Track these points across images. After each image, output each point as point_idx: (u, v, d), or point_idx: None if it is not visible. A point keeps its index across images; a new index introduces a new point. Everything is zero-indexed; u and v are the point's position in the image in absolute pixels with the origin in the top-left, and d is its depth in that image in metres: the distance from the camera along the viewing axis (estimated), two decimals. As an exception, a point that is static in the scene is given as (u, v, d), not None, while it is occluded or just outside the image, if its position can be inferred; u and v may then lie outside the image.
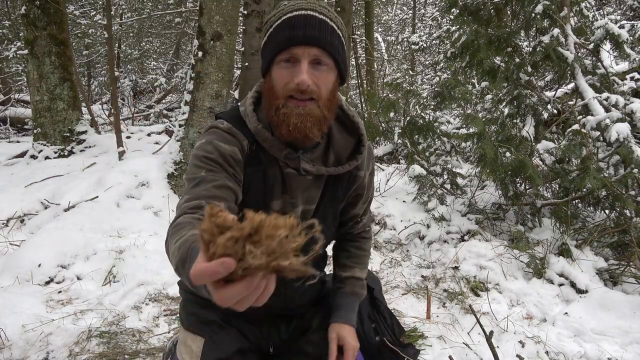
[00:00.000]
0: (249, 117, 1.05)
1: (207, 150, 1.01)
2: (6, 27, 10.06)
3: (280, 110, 0.95)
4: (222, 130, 1.05)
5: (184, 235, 0.79)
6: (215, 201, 0.93)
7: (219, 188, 0.97)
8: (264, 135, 1.03)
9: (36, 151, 5.05)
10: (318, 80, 0.95)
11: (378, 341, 1.36)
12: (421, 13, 14.34)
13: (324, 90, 0.96)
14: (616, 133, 2.81)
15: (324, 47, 0.94)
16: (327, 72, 0.97)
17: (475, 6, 3.92)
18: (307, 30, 0.92)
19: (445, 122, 4.82)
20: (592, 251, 2.82)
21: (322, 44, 0.93)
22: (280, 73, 0.95)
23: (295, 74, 0.93)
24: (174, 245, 0.80)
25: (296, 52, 0.93)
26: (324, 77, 0.96)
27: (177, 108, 9.79)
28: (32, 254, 2.69)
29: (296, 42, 0.92)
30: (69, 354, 1.97)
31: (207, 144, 1.02)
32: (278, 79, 0.96)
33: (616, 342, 2.12)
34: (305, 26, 0.93)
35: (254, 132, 1.04)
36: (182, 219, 0.87)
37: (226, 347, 1.15)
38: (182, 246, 0.75)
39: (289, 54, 0.93)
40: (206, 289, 0.58)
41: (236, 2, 4.10)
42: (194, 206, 0.92)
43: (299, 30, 0.92)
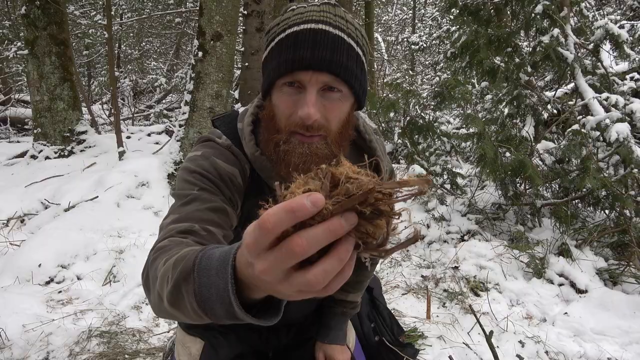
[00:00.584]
0: (246, 140, 0.90)
1: (203, 166, 0.86)
2: (6, 27, 10.06)
3: (281, 147, 0.80)
4: (221, 146, 0.90)
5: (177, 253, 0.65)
6: (211, 226, 0.78)
7: (215, 211, 0.81)
8: (261, 163, 0.88)
9: (36, 151, 5.05)
10: (328, 112, 0.79)
11: (377, 341, 1.35)
12: (421, 13, 14.34)
13: (334, 124, 0.80)
14: (616, 133, 2.81)
15: (336, 73, 0.77)
16: (341, 102, 0.80)
17: (475, 6, 3.92)
18: (317, 52, 0.75)
19: (445, 122, 4.83)
20: (592, 251, 2.82)
21: (334, 69, 0.76)
22: (282, 100, 0.80)
23: (299, 104, 0.77)
24: (164, 266, 0.64)
25: (301, 78, 0.77)
26: (336, 107, 0.80)
27: (177, 108, 9.79)
28: (32, 254, 2.70)
29: (301, 67, 0.75)
30: (69, 353, 1.98)
31: (202, 158, 0.87)
32: (280, 108, 0.80)
33: (616, 342, 2.12)
34: (314, 45, 0.75)
35: (251, 158, 0.89)
36: (169, 242, 0.72)
37: (225, 353, 1.13)
38: (181, 261, 0.61)
39: (292, 78, 0.77)
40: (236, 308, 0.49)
41: (236, 2, 4.10)
42: (185, 230, 0.75)
43: (305, 50, 0.75)
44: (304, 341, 1.22)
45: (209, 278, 0.54)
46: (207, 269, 0.55)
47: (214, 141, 0.91)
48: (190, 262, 0.58)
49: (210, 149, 0.89)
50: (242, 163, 0.90)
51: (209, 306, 0.54)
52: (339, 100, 0.80)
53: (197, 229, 0.76)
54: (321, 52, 0.75)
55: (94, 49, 10.98)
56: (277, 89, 0.80)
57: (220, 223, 0.81)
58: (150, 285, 0.70)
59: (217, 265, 0.53)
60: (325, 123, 0.79)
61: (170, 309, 0.63)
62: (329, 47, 0.76)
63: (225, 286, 0.51)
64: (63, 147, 5.12)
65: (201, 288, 0.54)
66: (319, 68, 0.75)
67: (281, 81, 0.79)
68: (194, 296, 0.55)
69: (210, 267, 0.54)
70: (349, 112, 0.84)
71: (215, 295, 0.53)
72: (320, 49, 0.75)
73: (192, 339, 1.17)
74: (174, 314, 0.64)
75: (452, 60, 4.08)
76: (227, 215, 0.84)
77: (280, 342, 1.22)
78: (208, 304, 0.54)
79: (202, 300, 0.55)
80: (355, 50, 0.79)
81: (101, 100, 10.57)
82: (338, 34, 0.77)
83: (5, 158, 5.46)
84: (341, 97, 0.80)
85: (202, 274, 0.55)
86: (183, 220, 0.78)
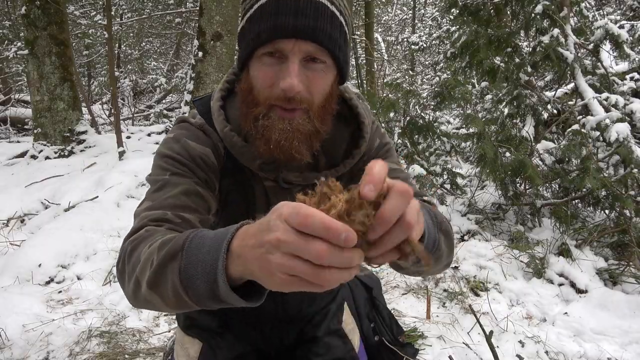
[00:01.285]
0: (215, 116, 0.86)
1: (174, 149, 0.83)
2: (6, 27, 10.07)
3: (260, 122, 0.76)
4: (194, 125, 0.87)
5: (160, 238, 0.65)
6: (185, 213, 0.77)
7: (188, 195, 0.79)
8: (231, 140, 0.83)
9: (36, 151, 5.05)
10: (311, 84, 0.75)
11: (377, 341, 1.35)
12: (421, 13, 14.35)
13: (317, 97, 0.76)
14: (616, 133, 2.81)
15: (320, 42, 0.72)
16: (324, 73, 0.76)
17: (475, 6, 3.92)
18: (299, 19, 0.70)
19: (445, 122, 4.82)
20: (592, 251, 2.82)
21: (318, 38, 0.72)
22: (262, 71, 0.75)
23: (281, 74, 0.73)
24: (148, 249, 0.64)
25: (283, 47, 0.72)
26: (319, 79, 0.76)
27: (177, 108, 9.79)
28: (32, 254, 2.70)
29: (283, 35, 0.71)
30: (69, 353, 1.98)
31: (174, 141, 0.84)
32: (259, 79, 0.75)
33: (616, 342, 2.12)
34: (296, 13, 0.70)
35: (221, 134, 0.84)
36: (145, 232, 0.71)
37: (224, 354, 1.11)
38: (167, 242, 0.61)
39: (273, 47, 0.73)
40: None
41: (236, 2, 4.11)
42: (157, 218, 0.74)
43: (287, 17, 0.70)
44: (308, 341, 1.19)
45: (197, 256, 0.56)
46: (198, 247, 0.57)
47: (188, 122, 0.88)
48: (180, 242, 0.59)
49: (183, 130, 0.86)
50: (215, 141, 0.86)
51: (192, 283, 0.56)
52: (322, 71, 0.76)
53: (170, 216, 0.75)
54: (304, 19, 0.71)
55: (94, 49, 10.98)
56: (256, 59, 0.75)
57: (195, 207, 0.79)
58: (126, 275, 0.69)
59: (210, 243, 0.56)
60: (308, 96, 0.75)
61: (148, 293, 0.63)
62: (311, 14, 0.71)
63: (214, 262, 0.53)
64: (63, 147, 5.12)
65: (188, 265, 0.56)
66: (302, 36, 0.71)
67: (261, 51, 0.74)
68: (179, 273, 0.57)
69: (202, 245, 0.56)
70: (332, 85, 0.80)
71: (201, 272, 0.55)
72: (304, 17, 0.71)
73: (191, 340, 1.15)
74: (150, 300, 0.64)
75: (452, 60, 4.08)
76: (201, 198, 0.81)
77: (283, 342, 1.20)
78: (192, 280, 0.56)
79: (187, 277, 0.56)
80: (338, 19, 0.75)
81: (101, 100, 10.57)
82: (321, 0, 0.73)
83: (5, 158, 5.46)
84: (324, 68, 0.76)
85: (191, 252, 0.57)
86: (156, 207, 0.76)
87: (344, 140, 0.91)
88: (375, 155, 0.93)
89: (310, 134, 0.77)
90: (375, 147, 0.95)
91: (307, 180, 0.88)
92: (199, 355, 1.11)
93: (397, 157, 1.03)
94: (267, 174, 0.86)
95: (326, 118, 0.80)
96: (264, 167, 0.84)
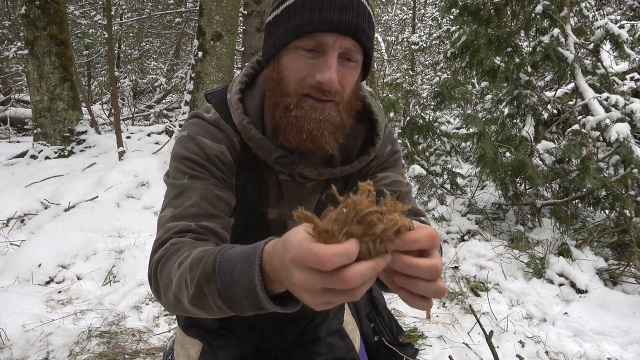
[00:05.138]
0: (233, 109, 0.85)
1: (190, 149, 0.83)
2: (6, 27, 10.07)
3: (292, 112, 0.76)
4: (208, 122, 0.86)
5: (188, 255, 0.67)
6: (207, 221, 0.78)
7: (208, 201, 0.80)
8: (249, 132, 0.83)
9: (36, 151, 5.05)
10: (344, 79, 0.76)
11: (376, 341, 1.35)
12: (421, 13, 14.35)
13: (347, 92, 0.78)
14: (616, 133, 2.81)
15: (359, 39, 0.73)
16: (354, 70, 0.77)
17: (475, 6, 3.92)
18: (344, 15, 0.71)
19: (445, 122, 4.82)
20: (592, 251, 2.82)
21: (358, 36, 0.73)
22: (297, 62, 0.75)
23: (319, 67, 0.73)
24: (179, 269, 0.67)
25: (325, 41, 0.72)
26: (350, 76, 0.77)
27: (177, 108, 9.79)
28: (32, 254, 2.70)
29: (327, 29, 0.71)
30: (69, 353, 1.98)
31: (189, 139, 0.84)
32: (293, 70, 0.75)
33: (616, 342, 2.12)
34: (341, 9, 0.71)
35: (239, 127, 0.84)
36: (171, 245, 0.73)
37: (225, 355, 1.11)
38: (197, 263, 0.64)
39: (314, 40, 0.72)
40: None
41: (236, 2, 4.10)
42: (182, 229, 0.76)
43: (332, 12, 0.70)
44: (309, 341, 1.19)
45: (231, 277, 0.60)
46: (229, 270, 0.60)
47: (201, 117, 0.88)
48: (209, 265, 0.61)
49: (197, 127, 0.86)
50: (231, 137, 0.86)
51: (234, 302, 0.60)
52: (353, 68, 0.77)
53: (194, 227, 0.77)
54: (348, 16, 0.71)
55: (94, 49, 10.98)
56: (291, 50, 0.75)
57: (216, 213, 0.80)
58: (161, 290, 0.72)
59: (241, 265, 0.59)
60: (341, 90, 0.76)
61: (193, 309, 0.67)
62: (354, 11, 0.72)
63: (252, 283, 0.57)
64: (63, 147, 5.12)
65: (225, 287, 0.60)
66: (345, 32, 0.72)
67: (298, 43, 0.74)
68: (218, 294, 0.61)
69: (233, 267, 0.60)
70: (358, 82, 0.82)
71: (240, 292, 0.59)
72: (347, 13, 0.71)
73: (191, 341, 1.15)
74: (196, 313, 0.69)
75: (452, 60, 4.08)
76: (221, 200, 0.82)
77: (283, 342, 1.20)
78: (234, 300, 0.60)
79: (227, 297, 0.60)
80: (372, 18, 0.77)
81: (101, 100, 10.57)
82: None
83: (5, 158, 5.46)
84: (355, 65, 0.77)
85: (223, 274, 0.60)
86: (179, 217, 0.78)
87: (359, 137, 0.92)
88: (385, 161, 0.94)
89: (338, 126, 0.78)
90: (387, 152, 0.95)
91: (321, 175, 0.88)
92: (200, 356, 1.11)
93: (403, 166, 1.03)
94: (284, 167, 0.86)
95: (351, 112, 0.82)
96: (280, 161, 0.84)
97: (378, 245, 0.43)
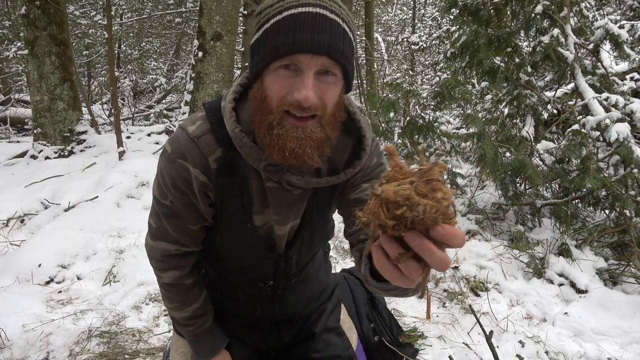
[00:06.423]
0: (227, 116, 0.89)
1: (170, 173, 0.92)
2: (6, 27, 10.06)
3: (274, 131, 0.79)
4: (188, 138, 0.90)
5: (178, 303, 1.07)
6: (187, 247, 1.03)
7: (188, 233, 1.00)
8: (240, 140, 0.87)
9: (36, 151, 5.05)
10: (323, 95, 0.79)
11: (377, 341, 1.35)
12: (421, 13, 14.34)
13: (329, 106, 0.81)
14: (616, 133, 2.81)
15: (334, 57, 0.77)
16: (334, 84, 0.81)
17: (475, 6, 3.92)
18: (316, 35, 0.75)
19: (445, 122, 4.82)
20: (592, 251, 2.82)
21: (332, 54, 0.76)
22: (277, 82, 0.78)
23: (296, 86, 0.77)
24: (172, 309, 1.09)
25: (300, 61, 0.76)
26: (331, 90, 0.80)
27: (177, 108, 9.79)
28: (32, 254, 2.70)
29: (301, 50, 0.75)
30: (69, 353, 1.98)
31: (169, 161, 0.92)
32: (274, 89, 0.79)
33: (616, 342, 2.12)
34: (313, 29, 0.75)
35: (231, 135, 0.88)
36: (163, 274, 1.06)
37: None
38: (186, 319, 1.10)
39: (290, 61, 0.77)
40: None
41: (236, 2, 4.10)
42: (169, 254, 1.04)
43: (305, 33, 0.75)
44: (306, 338, 1.21)
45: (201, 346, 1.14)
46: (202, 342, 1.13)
47: (185, 130, 0.92)
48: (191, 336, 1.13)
49: (177, 146, 0.91)
50: (206, 155, 0.90)
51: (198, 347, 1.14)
52: (332, 83, 0.80)
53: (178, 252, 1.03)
54: (321, 36, 0.75)
55: (94, 49, 10.98)
56: (272, 70, 0.79)
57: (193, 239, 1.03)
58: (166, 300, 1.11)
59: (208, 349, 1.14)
60: (321, 104, 0.79)
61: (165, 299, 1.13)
62: (327, 31, 0.76)
63: None
64: (63, 147, 5.12)
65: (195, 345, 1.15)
66: (319, 52, 0.75)
67: (277, 63, 0.78)
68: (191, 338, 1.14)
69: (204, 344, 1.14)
70: (341, 95, 0.85)
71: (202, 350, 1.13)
72: (320, 34, 0.75)
73: (186, 344, 1.16)
74: None
75: (452, 60, 4.08)
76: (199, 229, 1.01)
77: (282, 341, 1.21)
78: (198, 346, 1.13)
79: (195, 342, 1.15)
80: (348, 35, 0.80)
81: (101, 100, 10.57)
82: (335, 18, 0.77)
83: (5, 158, 5.46)
84: (335, 80, 0.80)
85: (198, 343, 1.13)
86: (166, 240, 1.01)
87: (346, 151, 0.96)
88: (371, 172, 0.99)
89: (322, 141, 0.81)
90: (372, 165, 1.00)
91: (308, 184, 0.91)
92: None
93: None
94: (272, 175, 0.89)
95: (336, 125, 0.85)
96: (269, 168, 0.88)
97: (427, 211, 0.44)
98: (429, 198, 0.45)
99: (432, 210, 0.44)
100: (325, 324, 1.22)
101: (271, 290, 1.10)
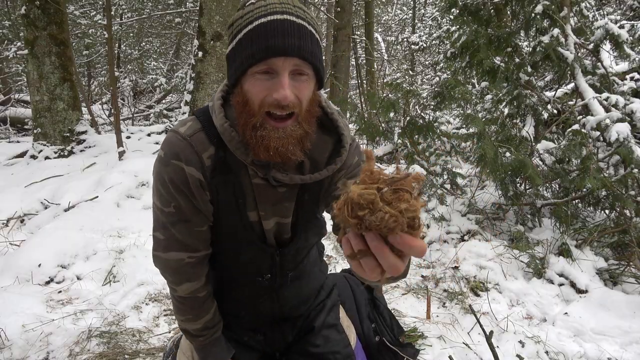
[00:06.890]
0: (215, 113, 0.95)
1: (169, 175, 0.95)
2: (6, 27, 10.06)
3: (258, 131, 0.86)
4: (180, 137, 0.95)
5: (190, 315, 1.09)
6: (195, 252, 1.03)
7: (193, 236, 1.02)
8: (229, 134, 0.93)
9: (36, 151, 5.05)
10: (299, 92, 0.86)
11: (377, 341, 1.35)
12: (421, 13, 14.35)
13: (304, 103, 0.88)
14: (616, 133, 2.81)
15: (304, 58, 0.84)
16: (308, 82, 0.88)
17: (475, 6, 3.92)
18: (287, 39, 0.82)
19: (445, 122, 4.82)
20: (592, 251, 2.82)
21: (303, 54, 0.84)
22: (256, 86, 0.85)
23: (274, 87, 0.84)
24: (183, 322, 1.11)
25: (275, 64, 0.83)
26: (305, 87, 0.87)
27: (177, 108, 9.79)
28: (32, 254, 2.70)
29: (275, 53, 0.82)
30: (69, 353, 1.98)
31: (164, 164, 0.95)
32: (254, 93, 0.86)
33: (616, 342, 2.12)
34: (283, 34, 0.82)
35: (220, 130, 0.93)
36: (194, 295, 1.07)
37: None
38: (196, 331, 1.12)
39: (266, 65, 0.83)
40: None
41: (236, 2, 4.10)
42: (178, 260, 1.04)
43: (276, 39, 0.82)
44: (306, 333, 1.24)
45: None
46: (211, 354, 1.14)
47: (176, 132, 0.96)
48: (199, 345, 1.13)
49: (169, 148, 0.95)
50: (200, 153, 0.95)
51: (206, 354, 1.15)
52: (306, 81, 0.87)
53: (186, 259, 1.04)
54: (291, 39, 0.82)
55: (94, 49, 10.98)
56: (250, 76, 0.86)
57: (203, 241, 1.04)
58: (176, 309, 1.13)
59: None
60: (297, 102, 0.86)
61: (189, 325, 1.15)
62: (296, 35, 0.83)
63: None
64: (63, 147, 5.12)
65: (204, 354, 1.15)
66: (291, 54, 0.82)
67: (254, 69, 0.84)
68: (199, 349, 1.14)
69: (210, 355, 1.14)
70: (314, 91, 0.92)
71: None
72: (290, 37, 0.82)
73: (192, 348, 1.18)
74: None
75: (452, 60, 4.08)
76: (207, 229, 1.02)
77: (284, 340, 1.22)
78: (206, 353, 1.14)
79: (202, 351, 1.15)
80: (315, 36, 0.88)
81: (101, 100, 10.57)
82: (302, 23, 0.85)
83: (5, 158, 5.46)
84: (307, 78, 0.87)
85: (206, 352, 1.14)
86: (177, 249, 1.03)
87: (327, 149, 1.03)
88: (353, 170, 1.07)
89: (302, 136, 0.89)
90: (354, 163, 1.07)
91: (292, 181, 0.97)
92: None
93: None
94: (259, 170, 0.95)
95: (312, 120, 0.92)
96: (256, 163, 0.94)
97: (384, 219, 0.45)
98: (393, 207, 0.46)
99: (390, 220, 0.46)
100: (325, 320, 1.24)
101: (269, 284, 1.11)
